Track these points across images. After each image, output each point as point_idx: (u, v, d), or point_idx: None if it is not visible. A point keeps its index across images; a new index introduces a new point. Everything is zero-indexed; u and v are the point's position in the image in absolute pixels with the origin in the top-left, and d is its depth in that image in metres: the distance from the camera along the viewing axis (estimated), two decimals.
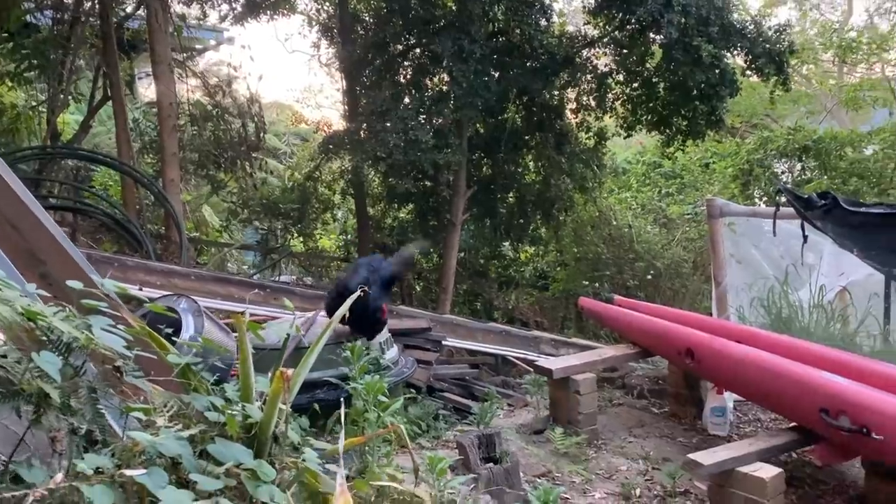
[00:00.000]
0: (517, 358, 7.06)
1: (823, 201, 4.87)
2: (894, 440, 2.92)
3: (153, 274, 5.95)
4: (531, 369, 5.43)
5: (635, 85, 9.75)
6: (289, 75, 39.47)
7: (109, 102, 9.68)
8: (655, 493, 3.70)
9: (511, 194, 10.97)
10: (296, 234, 11.99)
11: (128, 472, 1.58)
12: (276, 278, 10.85)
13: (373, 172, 10.72)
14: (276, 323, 4.14)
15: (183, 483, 1.66)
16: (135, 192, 9.40)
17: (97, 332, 1.88)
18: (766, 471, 3.18)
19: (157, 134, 9.28)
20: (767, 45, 8.63)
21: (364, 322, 4.23)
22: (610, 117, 10.50)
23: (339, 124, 13.34)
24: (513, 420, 4.69)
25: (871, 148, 12.82)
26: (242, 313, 2.29)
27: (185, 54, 10.89)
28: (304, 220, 11.46)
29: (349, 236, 12.73)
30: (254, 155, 11.23)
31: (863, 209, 4.74)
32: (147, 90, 12.31)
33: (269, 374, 2.34)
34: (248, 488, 1.69)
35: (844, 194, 8.41)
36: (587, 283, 10.58)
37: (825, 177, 11.89)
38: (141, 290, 5.19)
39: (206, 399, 1.99)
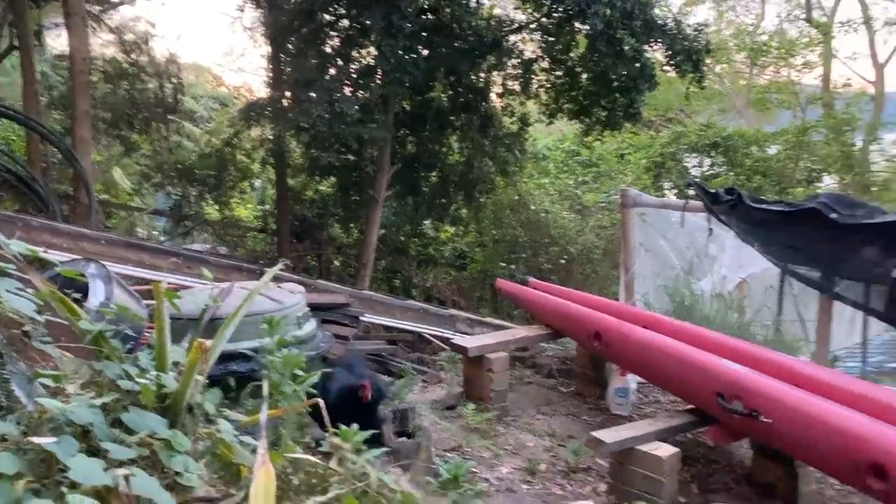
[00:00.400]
0: (434, 335, 7.14)
1: (729, 197, 5.13)
2: (781, 424, 3.14)
3: (60, 236, 5.68)
4: (447, 347, 5.51)
5: (559, 73, 9.93)
6: (210, 37, 38.09)
7: (15, 52, 9.11)
8: (559, 468, 3.85)
9: (434, 173, 11.01)
10: (211, 202, 11.67)
11: (35, 440, 1.54)
12: (189, 246, 10.55)
13: (295, 143, 10.54)
14: (191, 292, 4.05)
15: (94, 452, 1.63)
16: (41, 148, 8.91)
17: (4, 295, 1.82)
18: (664, 450, 3.37)
19: (68, 89, 8.82)
20: (686, 43, 8.94)
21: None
22: (533, 103, 10.67)
23: (261, 91, 13.01)
24: (427, 396, 4.76)
25: (775, 148, 13.52)
26: (159, 282, 2.24)
27: (99, 7, 10.36)
28: (220, 188, 11.17)
29: (267, 207, 12.48)
30: (170, 117, 10.84)
31: (765, 206, 5.03)
32: (56, 42, 11.66)
33: (185, 345, 2.32)
34: (162, 458, 1.68)
35: (748, 191, 8.86)
36: (504, 264, 10.79)
37: (732, 173, 12.49)
38: (46, 252, 4.96)
39: (118, 367, 1.95)
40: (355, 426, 2.25)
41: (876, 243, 4.56)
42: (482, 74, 10.30)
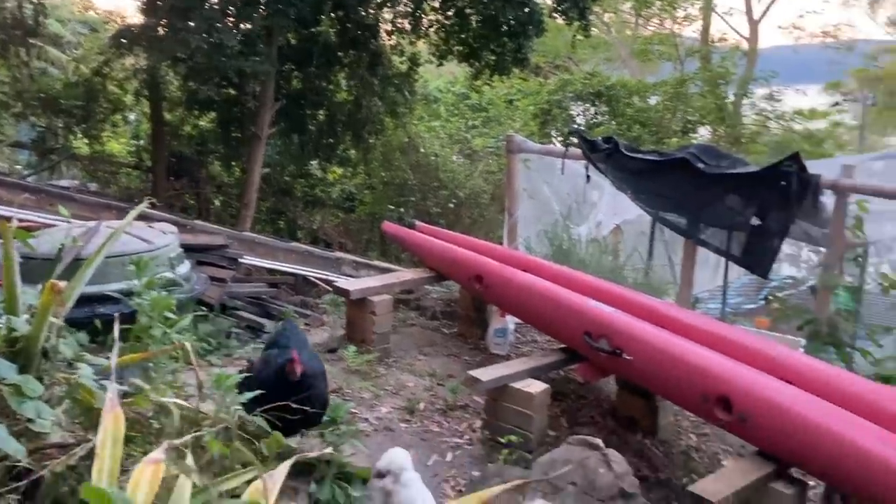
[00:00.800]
0: (318, 278, 7.08)
1: (607, 145, 5.31)
2: (641, 361, 3.34)
3: None
4: (331, 290, 5.48)
5: (450, 13, 9.82)
6: None
7: None
8: (438, 406, 3.95)
9: (321, 112, 10.74)
10: (80, 135, 10.91)
11: None
12: (56, 182, 9.86)
13: (171, 74, 9.97)
14: (51, 231, 3.81)
15: None
16: None
17: None
18: (535, 386, 3.52)
19: None
20: None
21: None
22: (424, 44, 10.54)
23: (134, 17, 12.14)
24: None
25: (655, 98, 14.04)
26: (10, 219, 2.10)
27: None
28: (89, 120, 10.45)
29: (142, 142, 11.81)
30: (30, 41, 9.96)
31: (639, 156, 5.24)
32: None
33: (40, 286, 2.19)
34: (11, 404, 1.60)
35: (627, 140, 9.19)
36: (393, 207, 10.77)
37: (614, 122, 12.90)
38: None
39: None
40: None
41: (737, 192, 4.87)
42: (371, 10, 10.05)
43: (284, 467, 1.27)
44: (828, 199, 4.53)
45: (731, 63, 17.04)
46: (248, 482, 1.53)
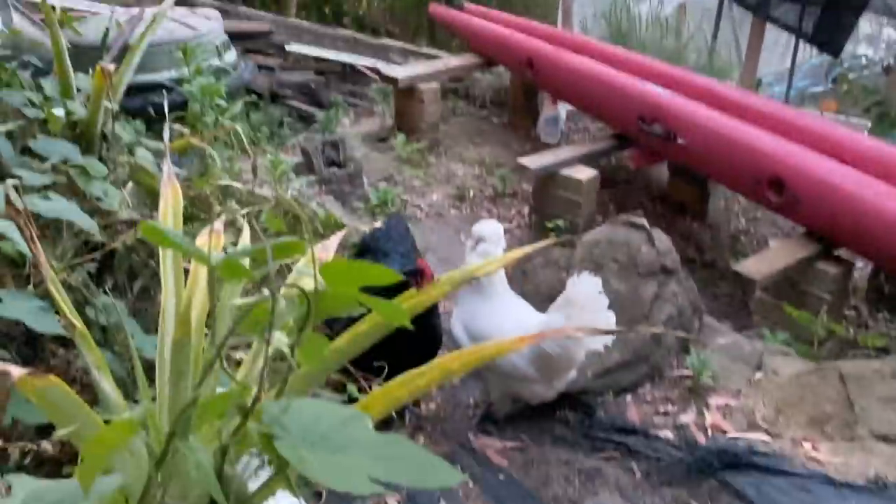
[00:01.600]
0: (366, 67, 6.93)
1: None
2: (694, 144, 3.29)
3: None
4: (378, 78, 5.41)
5: None
6: None
7: None
8: (487, 194, 4.02)
9: None
10: None
11: None
12: None
13: None
14: (97, 19, 3.76)
15: (4, 179, 1.63)
16: None
17: None
18: (584, 173, 3.53)
19: None
20: None
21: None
22: None
23: None
24: (358, 128, 4.76)
25: None
26: (54, 7, 2.08)
27: None
28: None
29: None
30: None
31: None
32: None
33: (91, 73, 2.21)
34: (79, 183, 1.69)
35: None
36: None
37: None
38: None
39: (21, 94, 1.88)
40: None
41: None
42: None
43: (336, 238, 1.34)
44: None
45: None
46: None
